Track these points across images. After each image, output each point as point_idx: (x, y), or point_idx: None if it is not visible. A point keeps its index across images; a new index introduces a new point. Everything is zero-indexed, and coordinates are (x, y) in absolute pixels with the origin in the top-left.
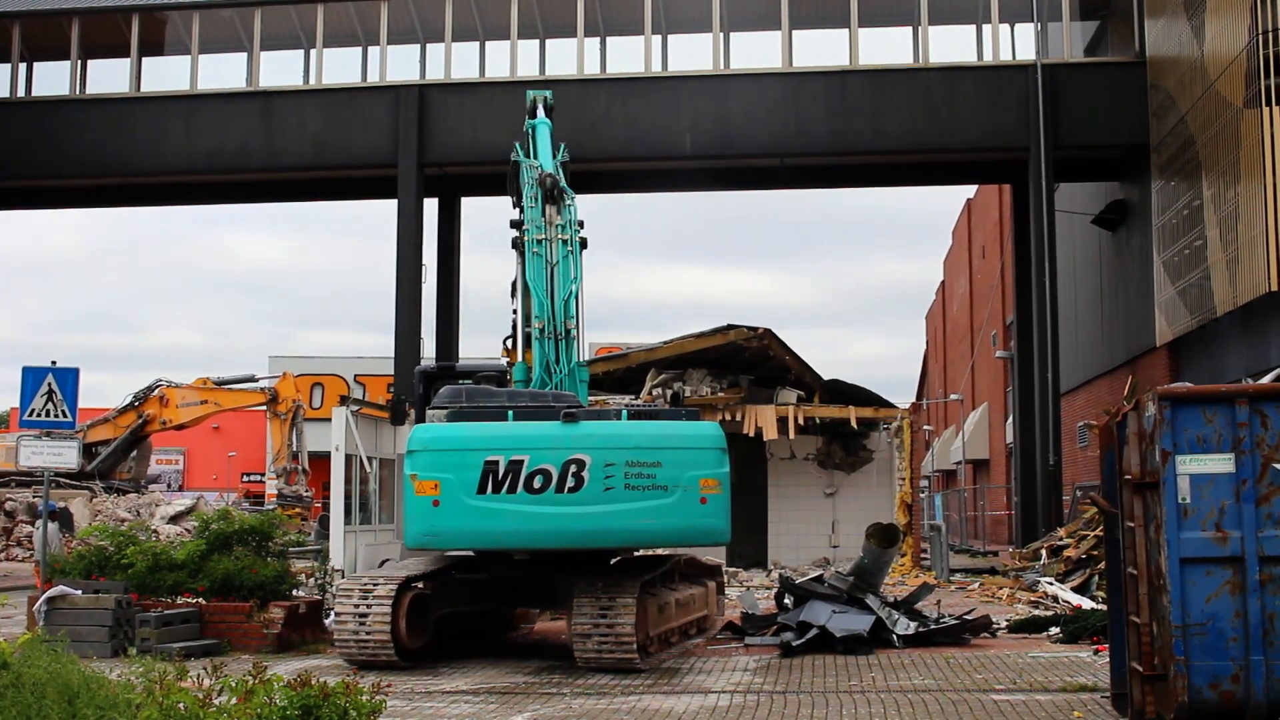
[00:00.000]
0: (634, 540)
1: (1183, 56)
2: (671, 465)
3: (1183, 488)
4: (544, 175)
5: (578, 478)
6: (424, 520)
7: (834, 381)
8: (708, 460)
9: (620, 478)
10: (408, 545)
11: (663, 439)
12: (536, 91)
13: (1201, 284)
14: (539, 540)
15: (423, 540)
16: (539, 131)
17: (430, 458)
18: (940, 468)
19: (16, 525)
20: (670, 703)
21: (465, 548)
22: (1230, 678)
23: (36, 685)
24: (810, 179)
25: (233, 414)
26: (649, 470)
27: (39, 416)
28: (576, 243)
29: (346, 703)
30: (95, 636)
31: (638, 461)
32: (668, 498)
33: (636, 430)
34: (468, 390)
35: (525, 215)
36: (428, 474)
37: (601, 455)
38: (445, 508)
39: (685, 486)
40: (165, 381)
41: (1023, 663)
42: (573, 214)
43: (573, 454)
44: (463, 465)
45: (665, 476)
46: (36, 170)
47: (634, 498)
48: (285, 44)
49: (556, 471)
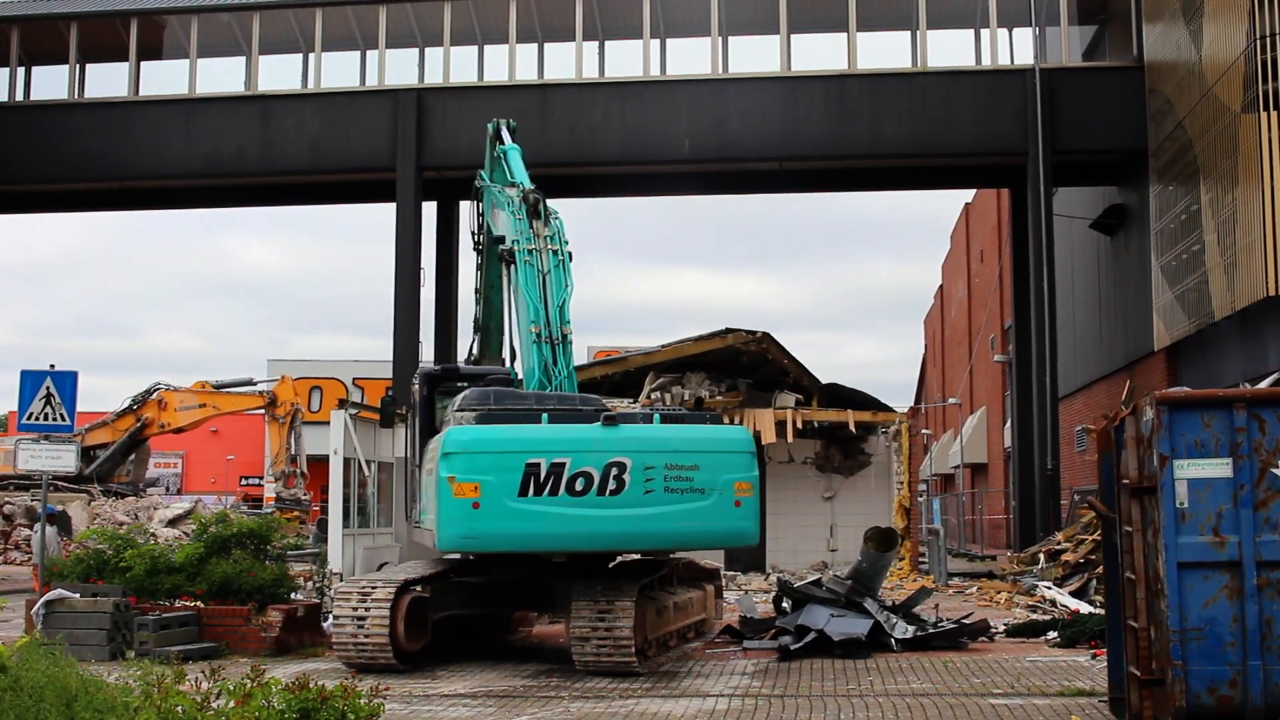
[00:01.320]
0: (672, 543)
1: (1181, 61)
2: (708, 469)
3: (1180, 492)
4: (527, 192)
5: (619, 480)
6: (463, 523)
7: (832, 385)
8: (741, 464)
9: (660, 480)
10: (441, 548)
11: (699, 442)
12: (499, 120)
13: (1199, 288)
14: (581, 543)
15: (461, 543)
16: (510, 156)
17: (469, 460)
18: (938, 472)
19: (15, 528)
20: (668, 706)
21: (505, 550)
22: (1228, 682)
23: (35, 688)
24: (808, 183)
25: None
26: (687, 473)
27: (37, 420)
28: (566, 254)
29: (345, 706)
30: (93, 640)
31: (676, 465)
32: (704, 500)
33: (674, 434)
34: (495, 392)
35: (513, 229)
36: (467, 476)
37: (641, 458)
38: (486, 510)
39: (721, 490)
40: (164, 385)
41: (1021, 667)
42: (559, 227)
43: (614, 457)
44: (504, 467)
45: (702, 480)
46: (35, 174)
47: (673, 500)
48: (284, 48)
49: (598, 474)
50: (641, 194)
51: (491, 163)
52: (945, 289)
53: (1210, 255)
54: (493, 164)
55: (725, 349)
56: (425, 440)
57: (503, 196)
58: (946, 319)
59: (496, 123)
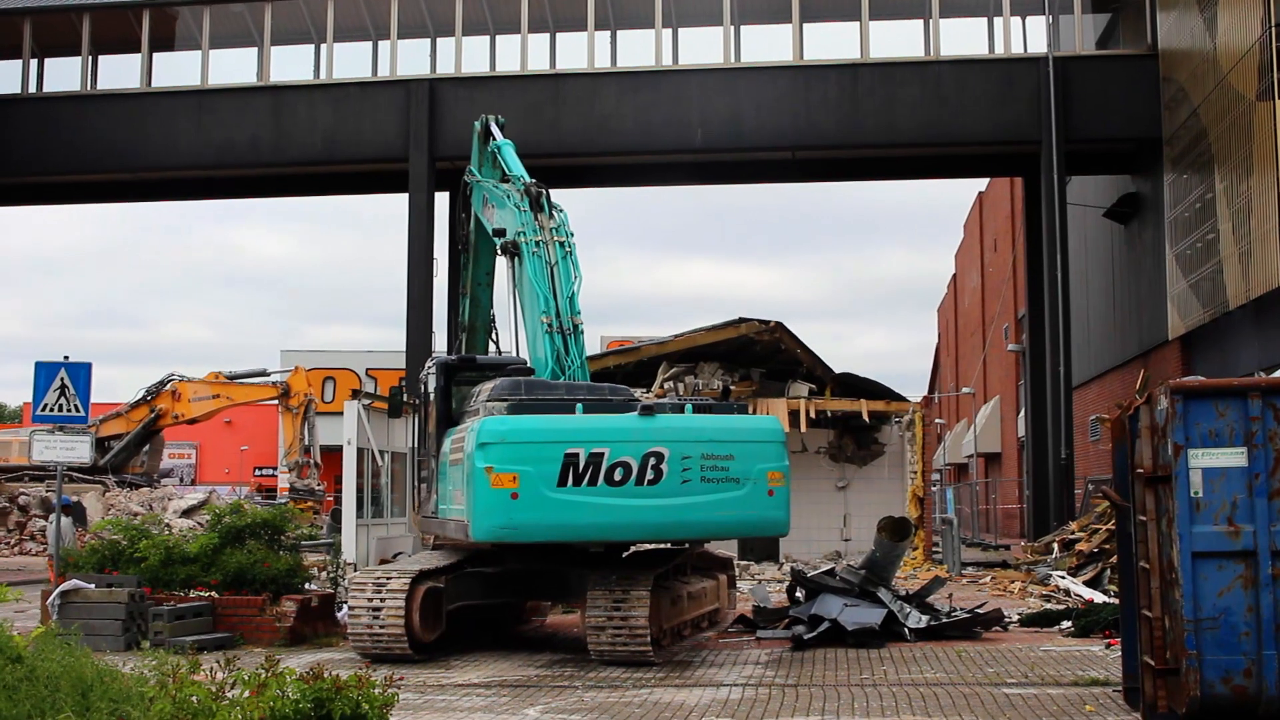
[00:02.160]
0: (708, 532)
1: (1195, 49)
2: (742, 458)
3: (1195, 481)
4: (529, 185)
5: (657, 470)
6: (501, 513)
7: (846, 375)
8: (773, 453)
9: (696, 470)
10: (478, 539)
11: (733, 432)
12: (487, 116)
13: (1214, 277)
14: (619, 533)
15: (500, 533)
16: (505, 151)
17: (507, 450)
18: (952, 461)
19: (30, 519)
20: (682, 696)
21: (544, 540)
22: (1242, 672)
23: (51, 678)
24: (820, 172)
25: (245, 408)
26: (722, 463)
27: (52, 411)
28: (572, 245)
29: (359, 696)
30: (108, 630)
31: (712, 455)
32: (739, 490)
33: (709, 424)
34: (526, 382)
35: (518, 221)
36: (505, 466)
37: (679, 449)
38: (524, 500)
39: (755, 479)
40: (177, 376)
41: (1034, 656)
42: (564, 219)
43: (651, 447)
44: (542, 458)
45: (737, 469)
46: (48, 166)
47: (709, 490)
48: (296, 39)
49: (636, 464)
50: (653, 184)
51: (482, 159)
52: (958, 278)
53: (1225, 244)
54: (483, 160)
55: (738, 339)
56: (443, 431)
57: (499, 191)
58: (960, 308)
59: (485, 119)
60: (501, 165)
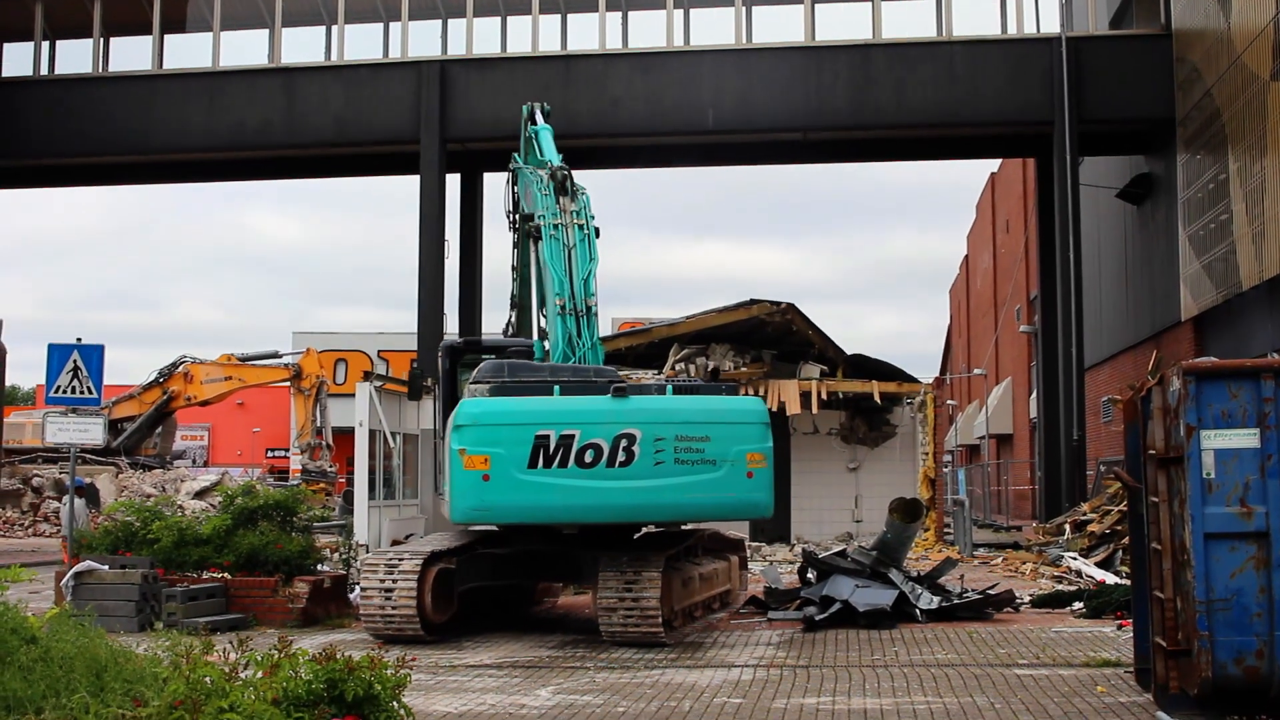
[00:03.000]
0: (683, 514)
1: (1209, 29)
2: (719, 440)
3: (1207, 463)
4: (555, 169)
5: (628, 452)
6: (474, 495)
7: (857, 356)
8: (753, 435)
9: (670, 452)
10: (454, 520)
11: (710, 414)
12: (533, 103)
13: (1227, 258)
14: (590, 514)
15: (472, 515)
16: (542, 136)
17: (480, 432)
18: (964, 442)
19: (43, 501)
20: (694, 676)
21: (515, 522)
22: (1254, 653)
23: (65, 659)
24: (832, 153)
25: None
26: (698, 445)
27: (65, 393)
28: (591, 229)
29: (372, 677)
30: (122, 611)
31: (687, 436)
32: (715, 472)
33: (685, 405)
34: (510, 364)
35: (540, 205)
36: (477, 448)
37: (651, 430)
38: (495, 482)
39: (733, 461)
40: (190, 358)
41: (1046, 637)
42: (586, 203)
43: (623, 429)
44: (513, 440)
45: (713, 451)
46: (59, 148)
47: (683, 472)
48: (307, 20)
49: (607, 446)
50: (665, 165)
51: (525, 144)
52: (970, 259)
53: (1238, 224)
54: (525, 145)
55: (750, 320)
56: (448, 412)
57: (533, 176)
58: (972, 289)
59: (530, 106)
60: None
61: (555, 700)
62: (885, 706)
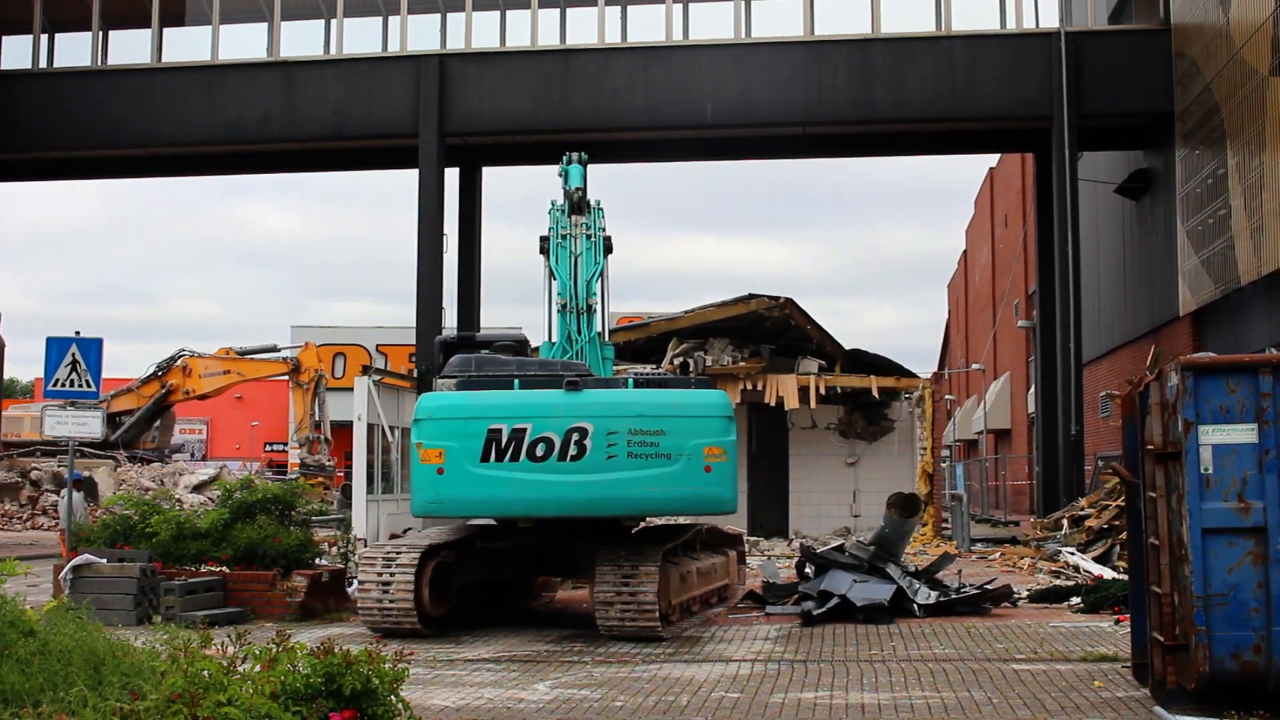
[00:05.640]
0: (637, 508)
1: (1208, 24)
2: (675, 433)
3: (1205, 458)
4: (570, 191)
5: (580, 446)
6: (429, 488)
7: (855, 351)
8: (712, 428)
9: (623, 446)
10: (414, 513)
11: (666, 407)
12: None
13: (1225, 253)
14: (541, 508)
15: (427, 508)
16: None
17: (435, 426)
18: (962, 437)
19: (42, 494)
20: (691, 671)
21: (469, 515)
22: (1252, 648)
23: (63, 652)
24: (831, 148)
25: (255, 384)
26: (652, 439)
27: (63, 387)
28: (600, 239)
29: (369, 671)
30: (120, 605)
31: (641, 430)
32: (671, 466)
33: (640, 398)
34: (477, 359)
35: (552, 221)
36: (432, 442)
37: (604, 424)
38: (449, 476)
39: (689, 455)
40: (188, 351)
41: (1043, 632)
42: (597, 215)
43: (575, 422)
44: (466, 433)
45: (669, 445)
46: (57, 141)
47: (637, 466)
48: (306, 14)
49: (559, 440)
50: (664, 159)
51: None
52: (969, 254)
53: (1237, 220)
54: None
55: (748, 315)
56: None
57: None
58: (970, 284)
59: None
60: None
61: (553, 695)
62: (883, 701)
